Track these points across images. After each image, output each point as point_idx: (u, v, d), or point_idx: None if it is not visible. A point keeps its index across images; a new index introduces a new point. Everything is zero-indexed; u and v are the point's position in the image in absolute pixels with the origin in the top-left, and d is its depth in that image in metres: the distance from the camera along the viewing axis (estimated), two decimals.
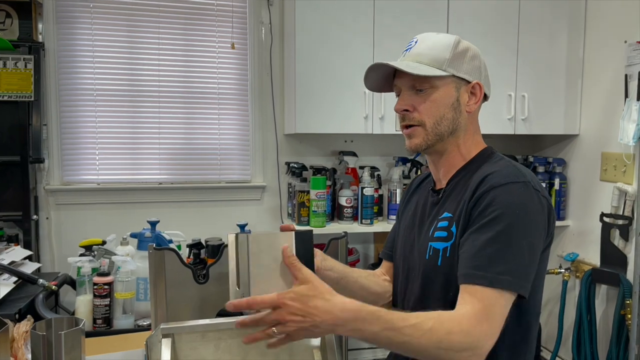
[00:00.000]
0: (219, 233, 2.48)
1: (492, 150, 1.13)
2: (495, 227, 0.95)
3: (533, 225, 0.97)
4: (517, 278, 0.93)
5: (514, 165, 1.05)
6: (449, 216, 1.05)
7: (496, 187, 0.98)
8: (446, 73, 1.05)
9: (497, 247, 0.93)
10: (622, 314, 2.23)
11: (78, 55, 2.45)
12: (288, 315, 0.86)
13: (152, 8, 2.51)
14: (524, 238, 0.95)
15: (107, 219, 2.49)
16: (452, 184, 1.10)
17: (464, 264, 0.96)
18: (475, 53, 1.09)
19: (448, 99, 1.06)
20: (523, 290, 0.94)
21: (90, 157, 2.50)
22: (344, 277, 1.18)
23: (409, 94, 1.07)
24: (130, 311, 1.85)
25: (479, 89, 1.08)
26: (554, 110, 2.58)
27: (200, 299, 1.60)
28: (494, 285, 0.92)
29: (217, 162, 2.65)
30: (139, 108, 2.54)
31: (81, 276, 1.87)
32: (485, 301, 0.91)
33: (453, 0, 2.41)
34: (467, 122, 1.09)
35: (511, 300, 0.94)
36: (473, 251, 0.95)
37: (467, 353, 0.88)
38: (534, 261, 0.97)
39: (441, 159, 1.12)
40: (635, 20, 2.16)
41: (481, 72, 1.10)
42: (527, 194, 0.98)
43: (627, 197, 2.28)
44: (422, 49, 1.07)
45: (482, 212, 0.97)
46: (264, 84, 2.65)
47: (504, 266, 0.92)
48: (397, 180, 2.53)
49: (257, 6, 2.61)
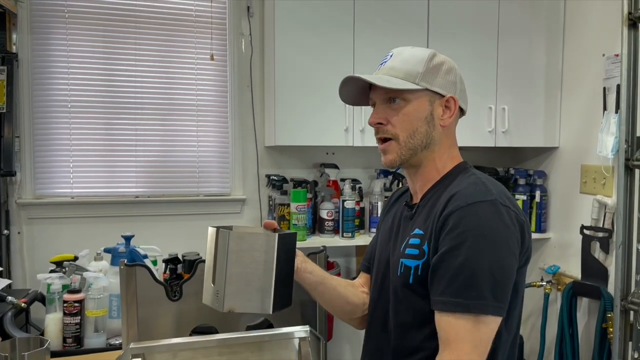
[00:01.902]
0: (197, 248, 2.42)
1: (466, 165, 1.13)
2: (465, 252, 0.94)
3: (503, 245, 0.96)
4: (493, 300, 0.93)
5: (482, 182, 1.03)
6: (420, 233, 1.04)
7: (462, 207, 0.97)
8: (419, 87, 1.05)
9: (470, 273, 0.93)
10: (604, 327, 2.23)
11: (53, 65, 2.40)
12: None
13: (130, 18, 2.47)
14: (495, 259, 0.94)
15: (81, 234, 2.42)
16: (426, 199, 1.10)
17: (438, 290, 0.96)
18: (451, 67, 1.09)
19: (421, 113, 1.06)
20: (500, 312, 0.94)
21: (64, 170, 2.43)
22: (323, 282, 1.17)
23: (382, 107, 1.08)
24: (102, 329, 1.80)
25: (454, 103, 1.08)
26: (534, 122, 2.59)
27: (174, 316, 1.56)
28: (472, 311, 0.91)
29: (196, 175, 2.60)
30: (116, 120, 2.49)
31: (51, 293, 1.81)
32: (468, 331, 0.91)
33: (433, 12, 2.41)
34: (442, 136, 1.09)
35: (493, 323, 0.94)
36: (447, 276, 0.95)
37: None
38: (508, 280, 0.96)
39: (417, 172, 1.11)
40: (613, 34, 2.18)
41: (456, 86, 1.09)
42: (494, 213, 0.96)
43: (607, 210, 2.28)
44: (396, 63, 1.07)
45: (449, 234, 0.96)
46: (244, 95, 2.62)
47: (477, 291, 0.92)
48: (379, 193, 2.51)
49: (237, 17, 2.59)
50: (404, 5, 2.38)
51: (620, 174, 2.04)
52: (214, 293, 0.94)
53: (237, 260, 0.91)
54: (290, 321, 1.73)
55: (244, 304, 0.99)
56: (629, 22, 2.00)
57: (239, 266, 0.92)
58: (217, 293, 0.92)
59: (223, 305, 0.96)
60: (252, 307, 1.00)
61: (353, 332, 2.76)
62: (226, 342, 1.52)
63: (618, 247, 2.05)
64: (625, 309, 2.04)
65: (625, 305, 2.04)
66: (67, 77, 2.41)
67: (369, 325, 1.19)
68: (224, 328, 1.66)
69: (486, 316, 0.92)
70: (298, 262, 1.11)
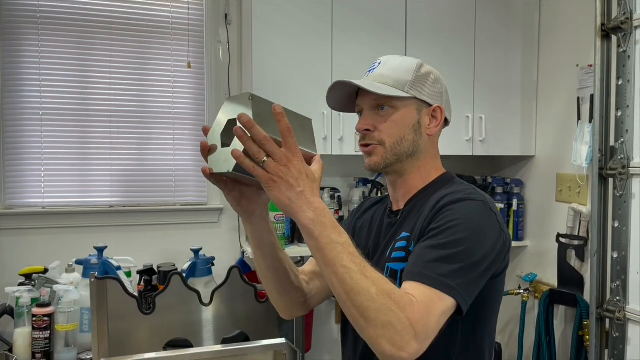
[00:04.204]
0: (173, 258, 2.39)
1: (452, 175, 1.14)
2: (448, 237, 0.92)
3: (487, 244, 0.94)
4: (460, 287, 0.89)
5: (473, 187, 1.05)
6: (407, 236, 1.03)
7: (455, 202, 0.97)
8: (408, 95, 1.05)
9: (446, 253, 0.90)
10: (580, 335, 2.25)
11: (24, 72, 2.34)
12: (289, 163, 0.82)
13: (104, 24, 2.42)
14: (475, 254, 0.92)
15: (52, 245, 2.35)
16: (410, 205, 1.09)
17: (409, 264, 0.93)
18: (437, 77, 1.10)
19: (409, 121, 1.06)
20: (463, 303, 0.89)
21: (35, 179, 2.36)
22: (274, 243, 1.05)
23: (370, 114, 1.07)
24: (73, 344, 1.75)
25: (440, 113, 1.09)
26: (511, 131, 2.62)
27: (147, 330, 1.52)
28: (435, 286, 0.87)
29: (172, 184, 2.56)
30: (89, 128, 2.43)
31: (19, 307, 1.76)
32: (426, 299, 0.85)
33: (411, 22, 2.42)
34: (428, 145, 1.09)
35: (449, 307, 0.88)
36: (421, 253, 0.92)
37: (390, 331, 0.80)
38: (479, 280, 0.94)
39: (400, 179, 1.10)
40: (587, 45, 2.22)
41: (442, 97, 1.10)
42: (485, 213, 0.97)
43: (582, 218, 2.31)
44: (385, 70, 1.07)
45: (437, 223, 0.95)
46: (222, 103, 2.57)
47: (448, 271, 0.89)
48: (358, 202, 2.50)
49: (215, 25, 2.57)
50: (382, 15, 2.39)
51: (594, 183, 2.06)
52: (224, 157, 0.88)
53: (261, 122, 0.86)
54: (267, 334, 1.71)
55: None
56: (602, 33, 2.03)
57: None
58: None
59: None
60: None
61: (332, 342, 2.74)
62: (201, 356, 1.49)
63: (593, 255, 2.07)
64: (601, 316, 2.06)
65: (601, 313, 2.06)
66: (38, 83, 2.35)
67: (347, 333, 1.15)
68: (198, 342, 1.64)
69: (449, 298, 0.87)
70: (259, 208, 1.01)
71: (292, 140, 0.83)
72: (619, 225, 2.02)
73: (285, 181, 0.82)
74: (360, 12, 2.36)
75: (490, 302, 1.03)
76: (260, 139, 0.81)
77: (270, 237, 1.04)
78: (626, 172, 1.98)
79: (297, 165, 0.83)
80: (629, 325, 1.99)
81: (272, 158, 0.82)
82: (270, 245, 1.05)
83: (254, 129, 0.81)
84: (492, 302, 1.03)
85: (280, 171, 0.82)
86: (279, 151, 0.82)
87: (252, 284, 1.70)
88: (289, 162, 0.83)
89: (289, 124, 0.83)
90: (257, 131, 0.81)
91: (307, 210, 0.83)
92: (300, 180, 0.83)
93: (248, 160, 0.82)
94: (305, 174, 0.84)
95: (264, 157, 0.81)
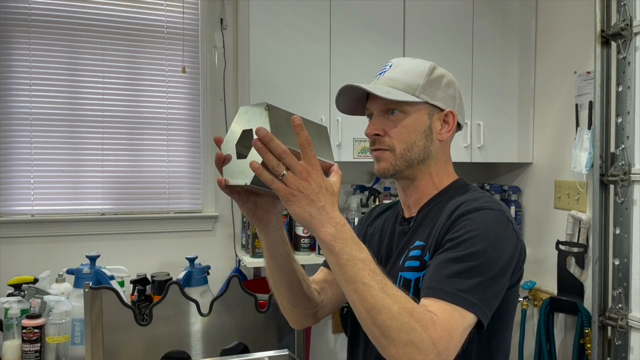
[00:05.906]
0: (167, 267, 2.33)
1: (465, 181, 1.11)
2: (466, 249, 0.89)
3: (505, 255, 0.92)
4: (481, 302, 0.87)
5: (489, 195, 1.02)
6: (421, 244, 1.00)
7: (472, 212, 0.94)
8: (419, 99, 1.02)
9: (465, 267, 0.87)
10: (581, 343, 2.22)
11: (13, 77, 2.28)
12: (309, 177, 0.80)
13: (97, 28, 2.38)
14: (494, 266, 0.90)
15: (42, 254, 2.29)
16: (424, 212, 1.05)
17: (427, 279, 0.90)
18: (451, 80, 1.08)
19: (420, 126, 1.03)
20: (484, 317, 0.87)
21: (24, 186, 2.30)
22: (288, 254, 1.02)
23: (380, 119, 1.04)
24: (64, 357, 1.69)
25: (452, 118, 1.06)
26: (508, 138, 2.61)
27: (143, 342, 1.47)
28: (456, 302, 0.85)
29: (166, 191, 2.51)
30: (81, 134, 2.38)
31: (8, 319, 1.70)
32: (447, 316, 0.83)
33: (408, 28, 2.41)
34: (439, 150, 1.07)
35: (471, 324, 0.86)
36: (439, 267, 0.89)
37: (413, 351, 0.78)
38: (499, 293, 0.92)
39: (411, 185, 1.07)
40: (584, 51, 2.22)
41: (455, 101, 1.08)
42: (502, 223, 0.95)
43: (581, 225, 2.30)
44: (395, 74, 1.05)
45: (454, 234, 0.92)
46: (217, 109, 2.55)
47: (469, 286, 0.86)
48: (355, 209, 2.47)
49: (210, 29, 2.53)
50: (380, 21, 2.37)
51: (595, 189, 2.05)
52: (240, 169, 0.84)
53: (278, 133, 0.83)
54: (266, 345, 1.66)
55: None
56: (602, 39, 2.03)
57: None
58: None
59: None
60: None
61: (328, 352, 2.69)
62: None
63: (594, 262, 2.06)
64: (603, 324, 2.04)
65: (603, 321, 2.03)
66: (28, 88, 2.29)
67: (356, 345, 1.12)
68: (196, 353, 1.58)
69: (470, 314, 0.86)
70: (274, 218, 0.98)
71: (312, 153, 0.81)
72: (620, 232, 2.01)
73: (306, 196, 0.80)
74: (358, 17, 2.34)
75: (505, 313, 1.00)
76: (280, 153, 0.78)
77: (284, 246, 1.01)
78: (627, 179, 1.97)
79: (316, 179, 0.81)
80: (631, 333, 1.97)
81: (291, 171, 0.79)
82: (285, 255, 1.02)
83: (272, 142, 0.78)
84: (506, 314, 1.00)
85: (301, 185, 0.79)
86: (299, 164, 0.79)
87: (252, 294, 1.65)
88: (308, 176, 0.80)
89: (309, 136, 0.81)
90: (276, 144, 0.78)
91: (327, 225, 0.81)
92: (320, 194, 0.81)
93: (267, 173, 0.79)
94: (325, 188, 0.82)
95: (283, 171, 0.79)
